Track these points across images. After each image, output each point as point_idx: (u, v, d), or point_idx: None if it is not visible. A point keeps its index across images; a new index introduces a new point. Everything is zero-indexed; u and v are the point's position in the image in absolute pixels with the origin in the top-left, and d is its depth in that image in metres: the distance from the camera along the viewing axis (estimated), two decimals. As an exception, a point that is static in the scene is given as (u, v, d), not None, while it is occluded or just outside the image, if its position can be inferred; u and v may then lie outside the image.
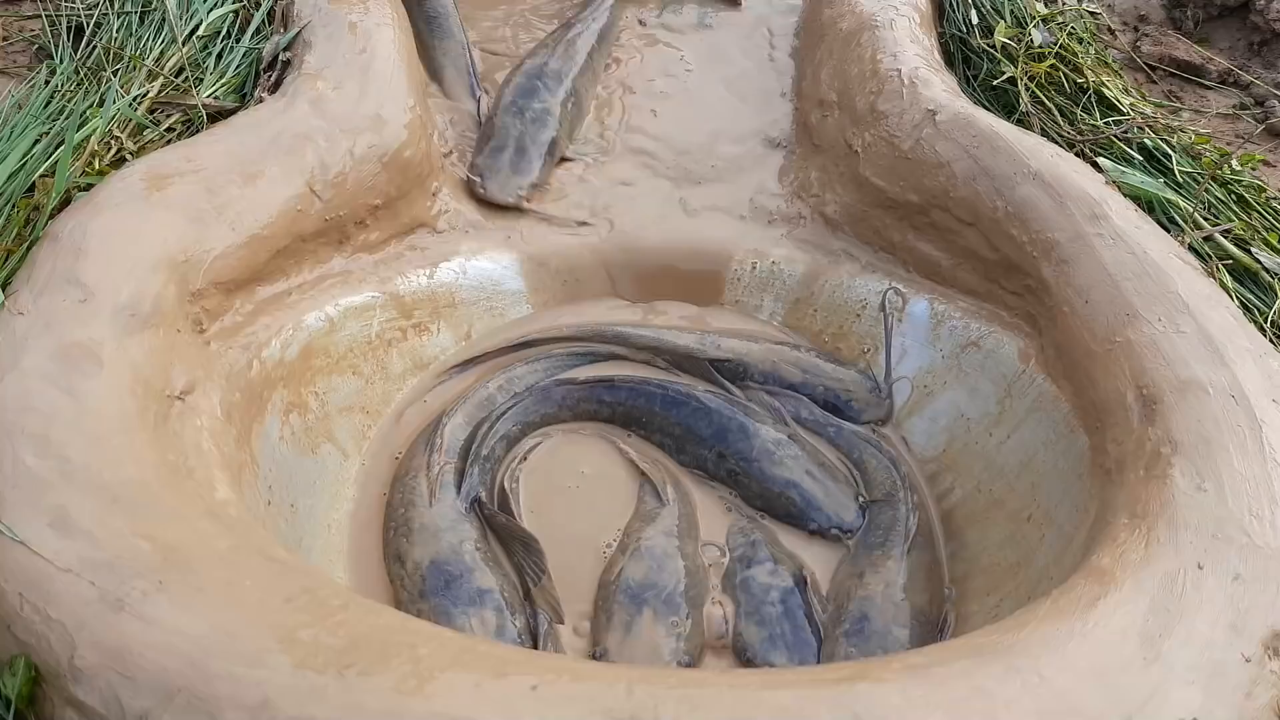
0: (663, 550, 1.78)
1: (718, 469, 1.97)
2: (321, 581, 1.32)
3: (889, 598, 1.71)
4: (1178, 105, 2.84)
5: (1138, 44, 3.08)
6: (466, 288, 2.23)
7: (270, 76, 2.34)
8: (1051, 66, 2.53)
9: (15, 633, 1.23)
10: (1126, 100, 2.49)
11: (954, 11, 2.76)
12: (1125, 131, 2.33)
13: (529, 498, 1.91)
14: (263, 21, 2.54)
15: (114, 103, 2.14)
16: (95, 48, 2.46)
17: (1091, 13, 2.98)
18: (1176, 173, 2.23)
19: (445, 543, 1.74)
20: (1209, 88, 2.96)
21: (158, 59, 2.36)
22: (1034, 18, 2.71)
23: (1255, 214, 2.17)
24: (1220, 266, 2.00)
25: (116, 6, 2.60)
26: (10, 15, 2.75)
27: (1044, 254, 1.91)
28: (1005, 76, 2.51)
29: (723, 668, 1.66)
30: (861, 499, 1.92)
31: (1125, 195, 2.04)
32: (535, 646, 1.64)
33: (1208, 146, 2.38)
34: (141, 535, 1.29)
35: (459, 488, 1.85)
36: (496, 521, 1.81)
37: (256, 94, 2.30)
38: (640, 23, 3.10)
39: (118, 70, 2.32)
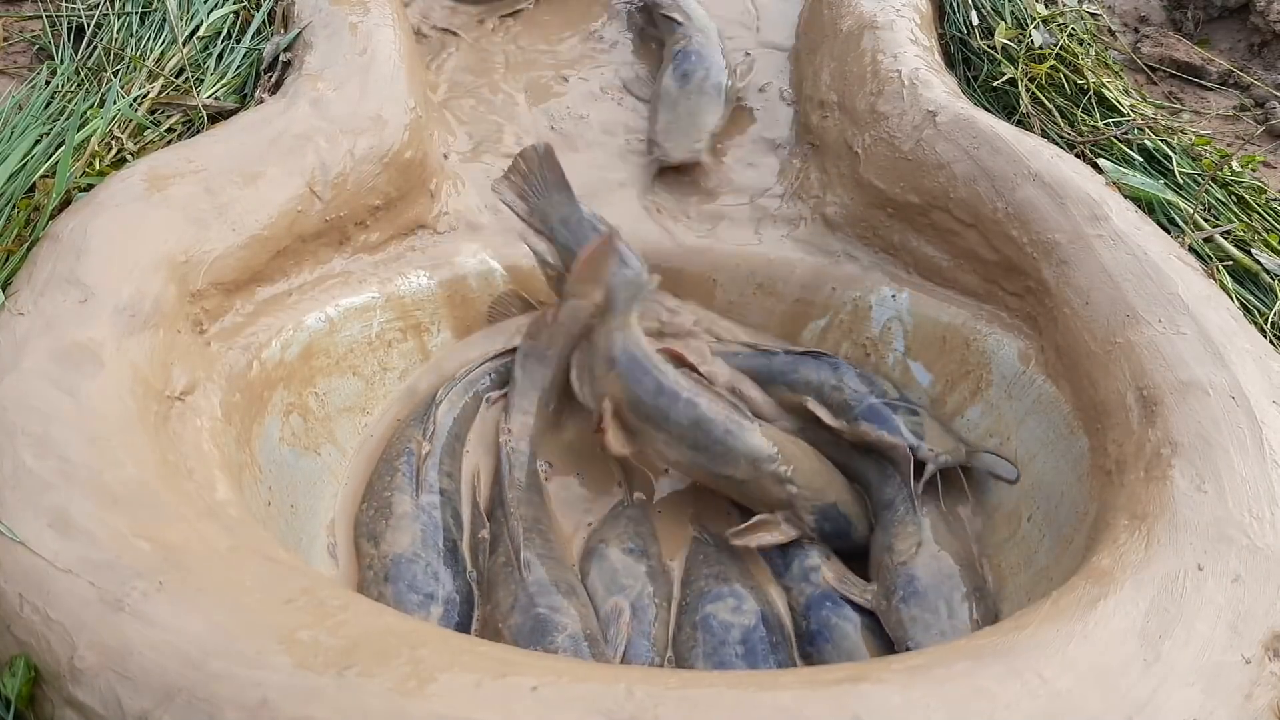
0: (627, 550, 1.78)
1: None
2: (321, 582, 1.32)
3: (926, 552, 1.71)
4: (1178, 106, 2.83)
5: (1138, 45, 3.07)
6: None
7: (271, 77, 2.34)
8: (1052, 68, 2.53)
9: (15, 633, 1.23)
10: (1127, 101, 2.49)
11: (954, 12, 2.76)
12: (1126, 133, 2.33)
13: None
14: (263, 22, 2.54)
15: (114, 103, 2.15)
16: (96, 48, 2.46)
17: (1092, 14, 2.97)
18: (1177, 174, 2.23)
19: (421, 533, 1.75)
20: (1209, 89, 2.96)
21: (158, 59, 2.36)
22: (1034, 19, 2.71)
23: (1255, 215, 2.17)
24: (1220, 268, 2.00)
25: (117, 7, 2.60)
26: (11, 15, 2.75)
27: (1044, 255, 1.91)
28: (1006, 78, 2.51)
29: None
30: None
31: (1125, 196, 2.04)
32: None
33: (1208, 148, 2.38)
34: (141, 535, 1.29)
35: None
36: None
37: (257, 94, 2.29)
38: None
39: (118, 71, 2.32)
